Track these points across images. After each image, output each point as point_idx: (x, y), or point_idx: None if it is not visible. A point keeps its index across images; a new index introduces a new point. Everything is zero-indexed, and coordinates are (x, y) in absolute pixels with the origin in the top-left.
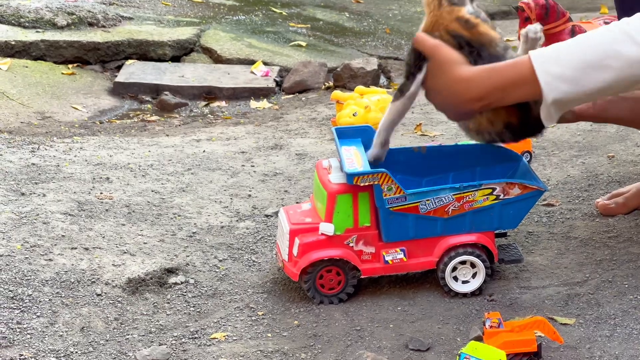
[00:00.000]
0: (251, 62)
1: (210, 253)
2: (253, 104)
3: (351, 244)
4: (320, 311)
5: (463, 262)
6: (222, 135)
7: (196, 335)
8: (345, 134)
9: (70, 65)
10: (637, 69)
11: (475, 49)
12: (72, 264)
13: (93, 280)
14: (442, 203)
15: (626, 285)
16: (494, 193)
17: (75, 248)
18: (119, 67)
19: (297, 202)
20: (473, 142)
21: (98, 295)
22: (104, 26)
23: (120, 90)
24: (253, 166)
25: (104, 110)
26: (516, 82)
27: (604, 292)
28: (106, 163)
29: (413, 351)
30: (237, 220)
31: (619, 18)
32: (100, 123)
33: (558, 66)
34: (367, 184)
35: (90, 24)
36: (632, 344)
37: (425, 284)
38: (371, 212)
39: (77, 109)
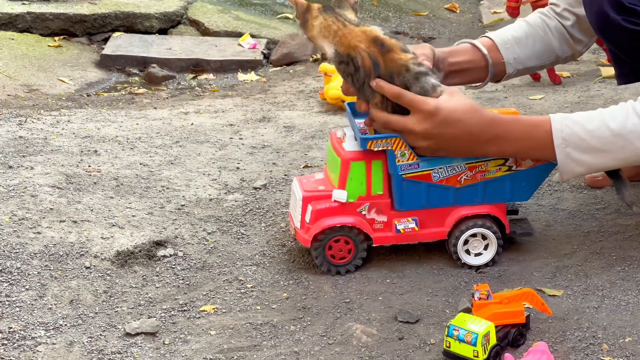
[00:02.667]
0: (238, 35)
1: (199, 226)
2: (241, 76)
3: (364, 212)
4: (310, 284)
5: (474, 235)
6: (210, 108)
7: (185, 308)
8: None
9: (56, 38)
10: None
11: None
12: (61, 237)
13: (82, 253)
14: (454, 172)
15: (614, 257)
16: (507, 164)
17: (64, 221)
18: (105, 40)
19: (285, 175)
20: None
21: (87, 268)
22: None
23: (108, 63)
24: (241, 139)
25: (91, 83)
26: (535, 148)
27: (592, 264)
28: (94, 136)
29: (402, 323)
30: (225, 193)
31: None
32: (88, 96)
33: (577, 152)
34: (381, 148)
35: None
36: (620, 315)
37: (415, 256)
38: (384, 181)
39: (64, 81)
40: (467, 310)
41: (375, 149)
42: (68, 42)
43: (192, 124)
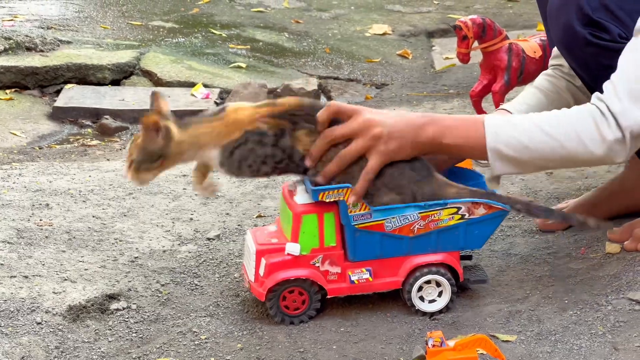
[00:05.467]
0: (191, 85)
1: (153, 278)
2: None
3: (317, 264)
4: (264, 334)
5: (428, 282)
6: None
7: None
8: None
9: (7, 91)
10: (579, 163)
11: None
12: (12, 293)
13: (33, 308)
14: (407, 221)
15: (566, 301)
16: (459, 212)
17: (15, 276)
18: (58, 92)
19: (238, 225)
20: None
21: (38, 323)
22: (42, 50)
23: (60, 115)
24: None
25: (43, 136)
26: (468, 140)
27: (545, 309)
28: (46, 189)
29: None
30: (179, 244)
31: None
32: (40, 148)
33: (507, 148)
34: (332, 199)
35: (28, 49)
36: (573, 359)
37: (368, 304)
38: (337, 232)
39: (15, 134)
40: (421, 358)
41: (327, 200)
42: (19, 95)
43: None
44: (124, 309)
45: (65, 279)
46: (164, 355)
